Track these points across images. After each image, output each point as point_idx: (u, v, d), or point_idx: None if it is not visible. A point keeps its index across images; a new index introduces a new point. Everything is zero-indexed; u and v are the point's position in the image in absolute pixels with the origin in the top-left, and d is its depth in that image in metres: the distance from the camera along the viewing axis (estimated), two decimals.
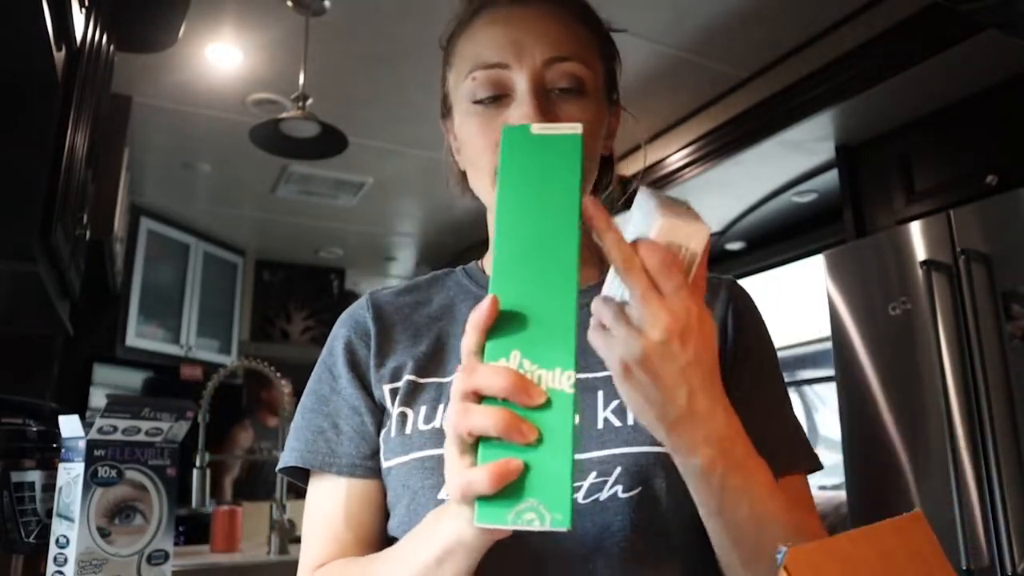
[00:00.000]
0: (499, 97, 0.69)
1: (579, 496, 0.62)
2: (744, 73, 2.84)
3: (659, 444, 0.55)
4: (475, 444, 0.46)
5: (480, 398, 0.46)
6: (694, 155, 3.12)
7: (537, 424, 0.44)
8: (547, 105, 0.67)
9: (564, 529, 0.43)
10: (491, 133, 0.68)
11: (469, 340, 0.47)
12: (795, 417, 0.73)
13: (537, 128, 0.48)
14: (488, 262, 0.79)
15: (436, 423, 0.68)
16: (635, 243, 0.49)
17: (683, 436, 0.50)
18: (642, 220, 0.51)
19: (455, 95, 0.74)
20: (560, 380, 0.44)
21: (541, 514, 0.43)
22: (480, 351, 0.47)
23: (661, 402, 0.49)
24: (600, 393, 0.67)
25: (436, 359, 0.73)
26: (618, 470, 0.63)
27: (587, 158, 0.67)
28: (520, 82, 0.67)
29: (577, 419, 0.45)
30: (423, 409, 0.69)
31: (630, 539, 0.62)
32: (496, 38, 0.69)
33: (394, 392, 0.72)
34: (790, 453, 0.69)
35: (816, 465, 0.71)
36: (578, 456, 0.62)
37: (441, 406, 0.69)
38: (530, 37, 0.68)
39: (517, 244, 0.46)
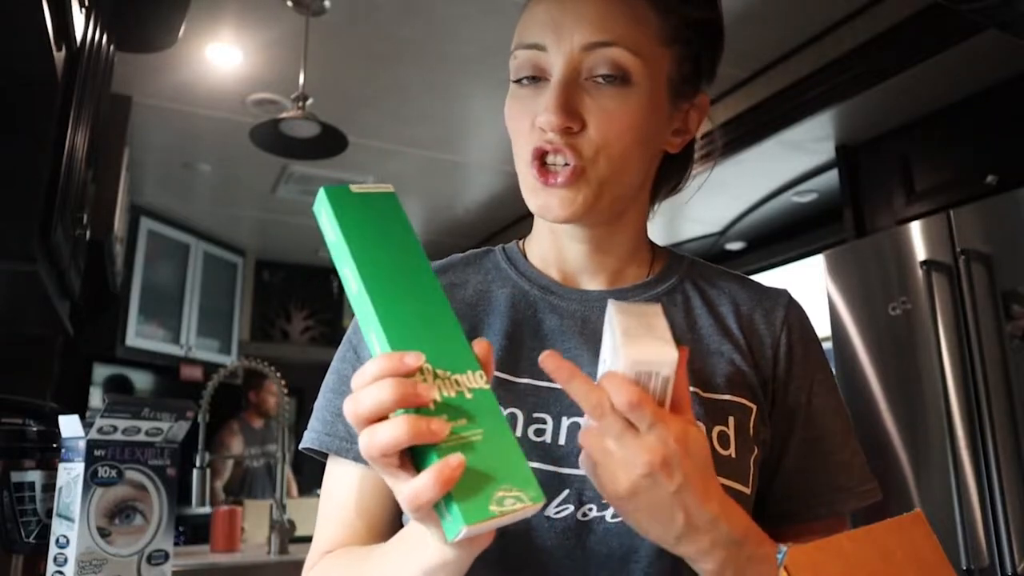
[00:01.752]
0: (538, 79, 0.65)
1: (607, 515, 0.61)
2: (744, 73, 2.84)
3: None
4: (406, 460, 0.46)
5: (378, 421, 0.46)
6: (694, 155, 3.11)
7: (470, 422, 0.46)
8: (575, 97, 0.63)
9: (541, 504, 0.45)
10: (526, 116, 0.65)
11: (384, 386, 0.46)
12: (853, 447, 0.71)
13: (356, 188, 0.54)
14: (532, 244, 0.77)
15: None
16: (604, 378, 0.50)
17: (688, 548, 0.52)
18: (611, 346, 0.51)
19: None
20: (475, 380, 0.48)
21: (518, 496, 0.45)
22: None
23: (660, 524, 0.51)
24: None
25: None
26: None
27: (606, 162, 0.64)
28: (555, 67, 0.64)
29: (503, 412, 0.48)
30: None
31: (655, 565, 0.61)
32: (539, 16, 0.65)
33: None
34: (842, 498, 0.69)
35: (871, 499, 0.70)
36: None
37: None
38: (570, 18, 0.63)
39: (390, 287, 0.50)
